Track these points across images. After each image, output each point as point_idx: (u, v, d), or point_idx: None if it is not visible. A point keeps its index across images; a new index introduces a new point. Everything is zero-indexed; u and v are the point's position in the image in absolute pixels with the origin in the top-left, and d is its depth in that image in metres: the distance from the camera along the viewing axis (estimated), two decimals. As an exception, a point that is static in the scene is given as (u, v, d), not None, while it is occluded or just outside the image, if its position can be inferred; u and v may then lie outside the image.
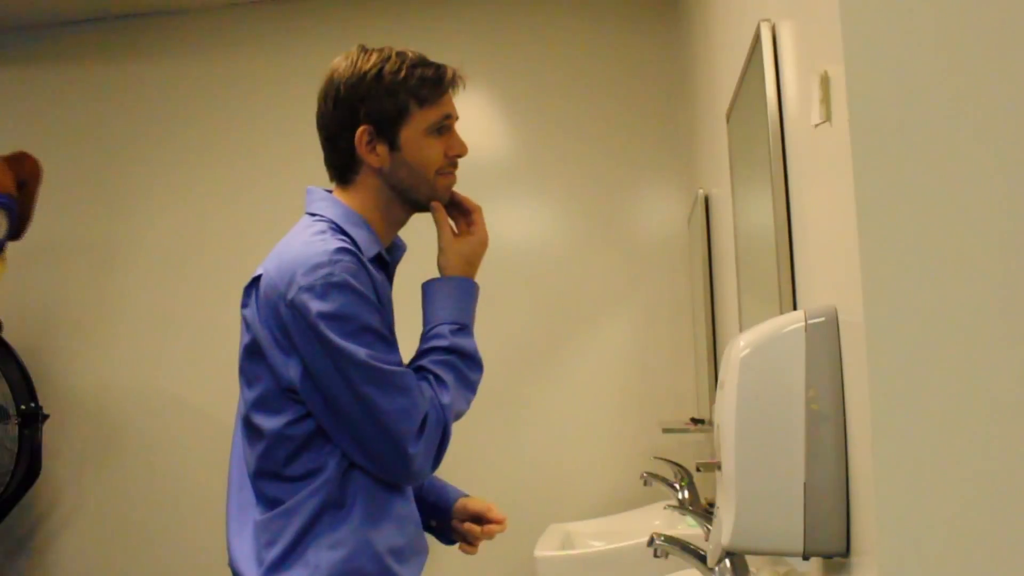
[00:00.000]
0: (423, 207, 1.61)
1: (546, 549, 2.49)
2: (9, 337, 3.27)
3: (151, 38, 3.54)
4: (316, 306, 1.42)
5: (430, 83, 1.55)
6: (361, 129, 1.53)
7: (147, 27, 3.55)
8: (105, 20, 3.55)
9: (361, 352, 1.43)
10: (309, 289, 1.42)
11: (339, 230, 1.53)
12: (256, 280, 1.52)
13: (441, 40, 3.37)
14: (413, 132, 1.56)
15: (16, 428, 3.16)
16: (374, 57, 1.55)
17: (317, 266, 1.43)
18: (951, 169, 0.90)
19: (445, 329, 1.54)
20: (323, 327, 1.42)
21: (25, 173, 2.95)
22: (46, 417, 3.26)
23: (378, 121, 1.54)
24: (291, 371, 1.48)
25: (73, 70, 3.57)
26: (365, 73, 1.54)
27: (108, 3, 3.46)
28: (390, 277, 1.63)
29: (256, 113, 3.44)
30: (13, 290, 3.49)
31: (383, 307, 1.51)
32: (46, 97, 3.57)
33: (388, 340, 1.47)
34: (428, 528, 1.73)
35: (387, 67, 1.54)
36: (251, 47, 3.50)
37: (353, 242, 1.51)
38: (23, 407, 3.19)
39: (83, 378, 3.44)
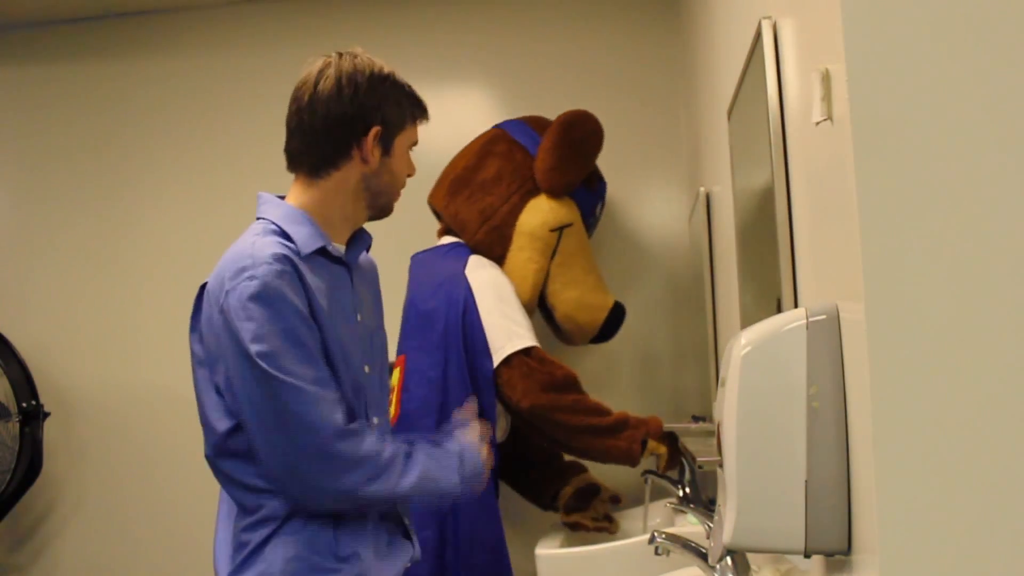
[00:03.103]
0: (380, 215, 1.67)
1: (547, 547, 2.49)
2: (10, 335, 3.27)
3: (151, 36, 3.54)
4: (236, 309, 1.44)
5: (421, 106, 1.66)
6: (376, 129, 1.56)
7: (147, 25, 3.54)
8: (105, 18, 3.55)
9: (266, 358, 1.42)
10: (233, 291, 1.45)
11: (278, 230, 1.54)
12: (203, 289, 1.55)
13: (441, 39, 3.37)
14: (401, 144, 1.63)
15: (17, 426, 3.17)
16: (385, 64, 1.61)
17: (241, 269, 1.46)
18: (952, 166, 0.90)
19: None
20: (239, 330, 1.43)
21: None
22: (47, 415, 3.26)
23: (387, 125, 1.57)
24: (219, 377, 1.50)
25: (73, 68, 3.56)
26: (386, 76, 1.59)
27: (107, 1, 3.46)
28: (350, 269, 1.63)
29: (258, 111, 3.43)
30: (14, 288, 3.49)
31: (319, 303, 1.50)
32: (45, 96, 3.57)
33: (304, 348, 1.46)
34: None
35: (397, 77, 1.62)
36: (252, 45, 3.50)
37: (291, 240, 1.52)
38: (24, 405, 3.19)
39: (84, 376, 3.44)
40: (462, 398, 2.37)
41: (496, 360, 2.46)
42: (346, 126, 1.56)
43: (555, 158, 2.71)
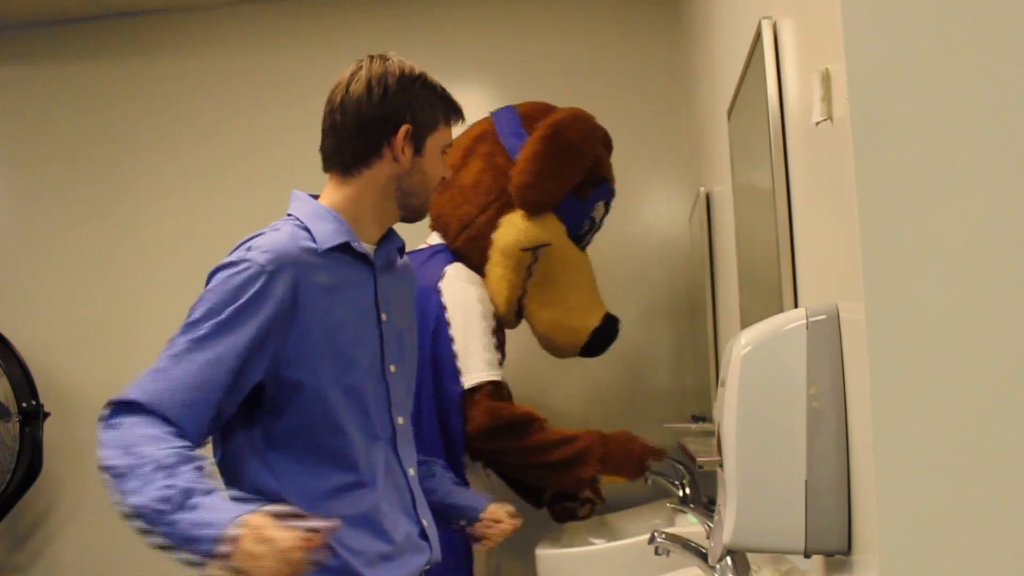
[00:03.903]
0: (412, 216, 1.68)
1: (547, 547, 2.49)
2: (10, 335, 3.27)
3: (151, 36, 3.54)
4: (210, 275, 1.51)
5: (454, 107, 1.67)
6: (406, 127, 1.59)
7: (147, 25, 3.54)
8: (105, 18, 3.55)
9: (196, 324, 1.45)
10: (218, 268, 1.51)
11: (301, 225, 1.57)
12: None
13: (442, 39, 3.37)
14: (433, 145, 1.65)
15: (17, 426, 3.17)
16: (416, 67, 1.63)
17: (237, 248, 1.53)
18: (952, 166, 0.90)
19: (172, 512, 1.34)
20: (203, 294, 1.49)
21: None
22: (47, 415, 3.26)
23: (418, 124, 1.60)
24: None
25: (73, 68, 3.56)
26: (416, 77, 1.62)
27: (107, 1, 3.46)
28: (375, 270, 1.64)
29: (258, 111, 3.44)
30: (14, 288, 3.49)
31: (318, 302, 1.51)
32: (45, 96, 3.57)
33: (226, 339, 1.44)
34: (455, 527, 1.85)
35: (429, 79, 1.64)
36: (253, 45, 3.50)
37: (311, 235, 1.55)
38: (24, 405, 3.19)
39: (84, 376, 3.44)
40: (428, 420, 2.36)
41: (463, 385, 2.38)
42: (376, 125, 1.59)
43: (530, 174, 2.48)
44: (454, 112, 1.67)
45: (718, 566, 1.53)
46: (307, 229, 1.56)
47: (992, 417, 0.87)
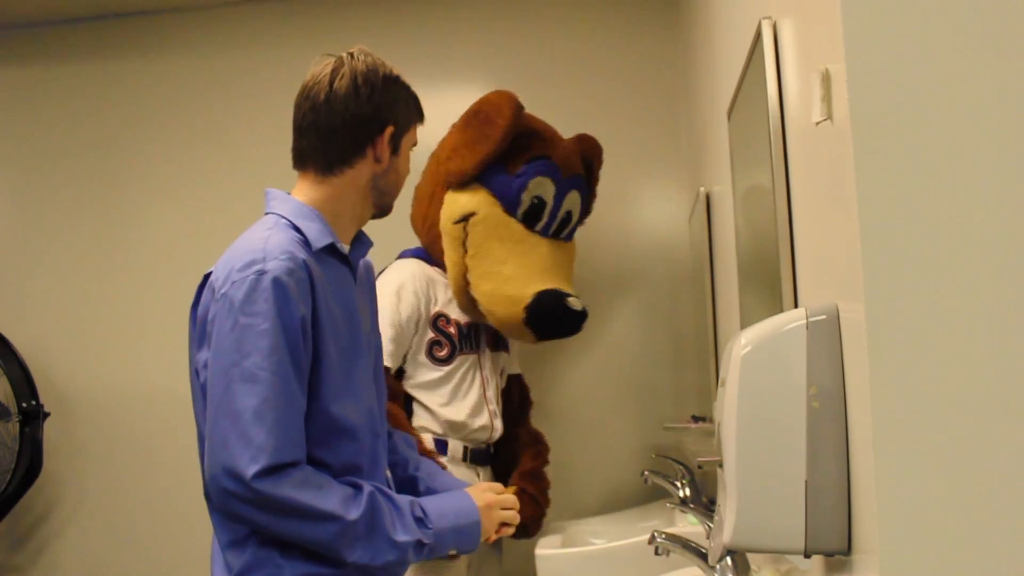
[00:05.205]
0: (381, 214, 1.67)
1: (547, 547, 2.49)
2: (10, 335, 3.27)
3: (151, 36, 3.54)
4: (237, 300, 1.42)
5: (420, 108, 1.67)
6: (391, 129, 1.58)
7: (146, 25, 3.54)
8: (105, 18, 3.55)
9: (241, 353, 1.40)
10: (239, 283, 1.43)
11: (290, 225, 1.53)
12: (206, 278, 1.54)
13: (441, 39, 3.37)
14: (406, 144, 1.64)
15: (17, 426, 3.17)
16: (392, 65, 1.61)
17: (251, 263, 1.44)
18: (952, 166, 0.90)
19: (432, 531, 1.52)
20: (231, 321, 1.42)
21: (589, 152, 2.85)
22: (47, 415, 3.26)
23: (398, 125, 1.59)
24: (203, 357, 1.49)
25: (73, 68, 3.56)
26: (397, 77, 1.61)
27: (107, 1, 3.46)
28: (353, 270, 1.63)
29: (258, 111, 3.43)
30: (14, 288, 3.49)
31: (327, 302, 1.49)
32: (45, 96, 3.57)
33: (296, 349, 1.43)
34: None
35: (403, 78, 1.63)
36: (253, 45, 3.50)
37: (303, 235, 1.52)
38: (24, 405, 3.19)
39: (84, 376, 3.44)
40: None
41: None
42: (364, 125, 1.56)
43: (449, 148, 2.59)
44: (420, 113, 1.67)
45: (718, 566, 1.53)
46: (296, 228, 1.53)
47: (992, 417, 0.87)
